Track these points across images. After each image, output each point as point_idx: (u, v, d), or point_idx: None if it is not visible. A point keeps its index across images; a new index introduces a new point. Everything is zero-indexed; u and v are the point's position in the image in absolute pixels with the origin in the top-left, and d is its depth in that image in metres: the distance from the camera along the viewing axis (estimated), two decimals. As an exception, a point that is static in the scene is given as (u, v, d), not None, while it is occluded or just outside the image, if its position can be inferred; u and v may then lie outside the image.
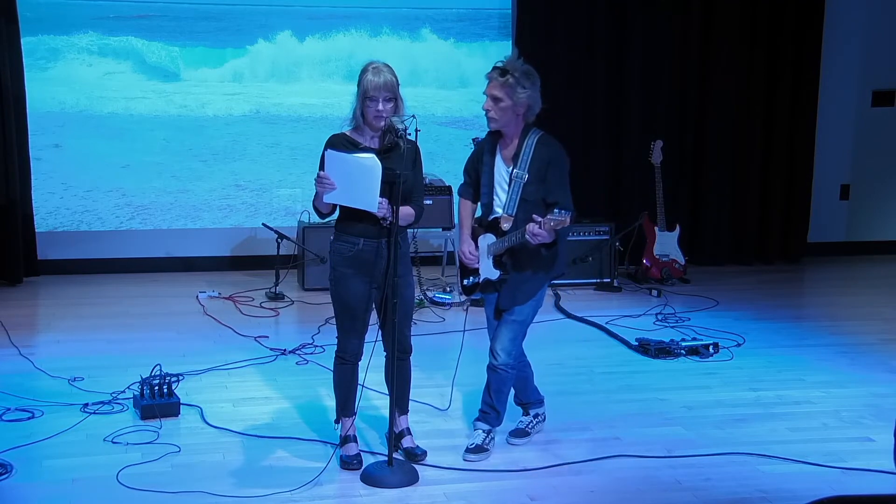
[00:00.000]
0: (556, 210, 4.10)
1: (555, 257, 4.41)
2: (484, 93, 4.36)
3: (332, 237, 4.36)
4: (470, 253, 4.52)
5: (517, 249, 4.35)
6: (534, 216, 4.16)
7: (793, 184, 9.26)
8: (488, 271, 4.48)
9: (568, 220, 4.06)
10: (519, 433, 4.75)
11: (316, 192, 4.22)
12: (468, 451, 4.52)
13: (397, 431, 4.43)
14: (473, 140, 7.82)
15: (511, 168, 4.37)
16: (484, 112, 4.37)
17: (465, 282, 4.62)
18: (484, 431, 4.59)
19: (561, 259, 4.50)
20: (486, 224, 4.50)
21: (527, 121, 4.38)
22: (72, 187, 8.31)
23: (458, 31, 8.84)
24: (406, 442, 4.49)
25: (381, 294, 4.30)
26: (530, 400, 4.82)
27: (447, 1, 8.80)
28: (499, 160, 4.44)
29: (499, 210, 4.43)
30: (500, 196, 4.43)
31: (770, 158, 9.18)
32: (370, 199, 4.12)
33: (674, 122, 8.93)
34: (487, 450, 4.54)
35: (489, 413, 4.61)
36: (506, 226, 4.37)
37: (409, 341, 4.46)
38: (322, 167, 4.18)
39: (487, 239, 4.49)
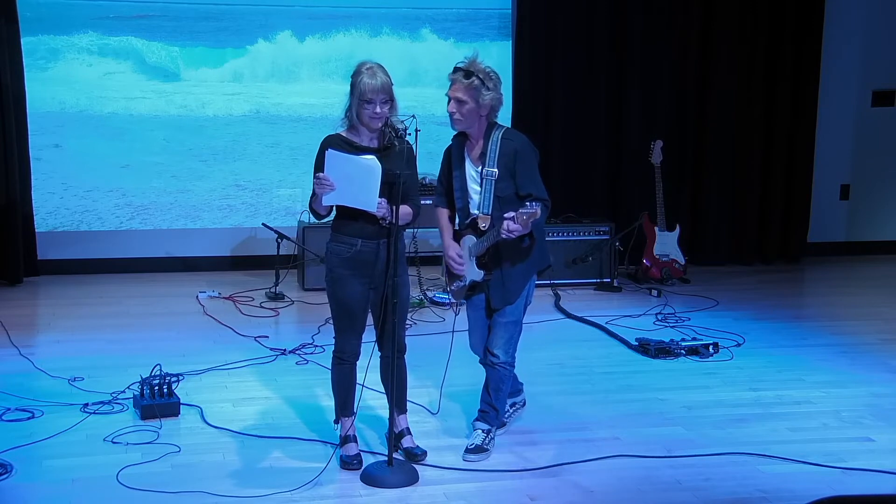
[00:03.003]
0: (527, 203, 4.13)
1: (536, 250, 4.46)
2: (447, 94, 4.38)
3: (328, 238, 4.36)
4: (458, 255, 4.52)
5: (498, 247, 4.38)
6: (505, 214, 4.20)
7: (793, 184, 9.26)
8: (473, 273, 4.50)
9: (538, 211, 4.09)
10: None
11: (313, 194, 4.22)
12: (468, 451, 4.52)
13: (397, 431, 4.43)
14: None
15: (480, 167, 4.40)
16: (448, 114, 4.39)
17: (454, 286, 4.64)
18: (483, 431, 4.60)
19: (543, 252, 4.55)
20: (465, 227, 4.52)
21: (490, 120, 4.41)
22: (72, 187, 8.31)
23: (458, 31, 8.83)
24: (406, 442, 4.50)
25: (377, 294, 4.31)
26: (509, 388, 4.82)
27: (447, 1, 8.79)
28: (468, 162, 4.48)
29: (475, 211, 4.45)
30: (474, 197, 4.45)
31: (770, 158, 9.17)
32: (370, 199, 4.12)
33: (674, 122, 8.93)
34: (487, 450, 4.54)
35: (488, 412, 4.62)
36: (483, 225, 4.40)
37: (404, 341, 4.47)
38: (319, 168, 4.18)
39: (469, 241, 4.51)
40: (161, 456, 4.45)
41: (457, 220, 4.60)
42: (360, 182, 4.10)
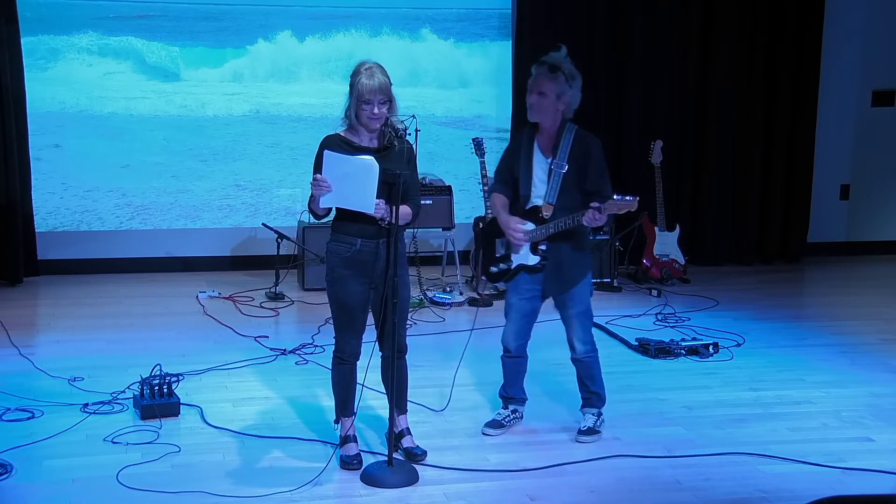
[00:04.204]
0: (616, 196, 4.32)
1: (587, 240, 4.69)
2: (529, 85, 4.57)
3: (328, 238, 4.37)
4: (521, 227, 4.59)
5: (558, 235, 4.53)
6: (592, 204, 4.37)
7: (793, 184, 9.26)
8: (525, 257, 4.64)
9: (636, 204, 4.30)
10: (495, 424, 4.83)
11: (312, 195, 4.22)
12: (581, 433, 4.73)
13: (397, 431, 4.43)
14: (473, 140, 7.83)
15: (550, 159, 4.56)
16: (528, 105, 4.56)
17: (493, 269, 4.76)
18: (594, 415, 4.80)
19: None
20: (522, 213, 4.65)
21: (565, 116, 4.58)
22: (72, 187, 8.31)
23: (458, 31, 8.84)
24: (406, 442, 4.50)
25: (377, 294, 4.31)
26: (513, 396, 4.90)
27: (447, 1, 8.80)
28: (537, 152, 4.62)
29: (538, 200, 4.59)
30: (539, 186, 4.59)
31: (770, 158, 9.18)
32: (367, 200, 4.12)
33: (674, 122, 8.93)
34: (599, 431, 4.75)
35: (590, 398, 4.83)
36: (546, 214, 4.56)
37: (405, 341, 4.47)
38: (318, 169, 4.18)
39: (525, 226, 4.61)
40: (161, 456, 4.45)
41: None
42: (357, 182, 4.10)
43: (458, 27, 8.85)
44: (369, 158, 4.11)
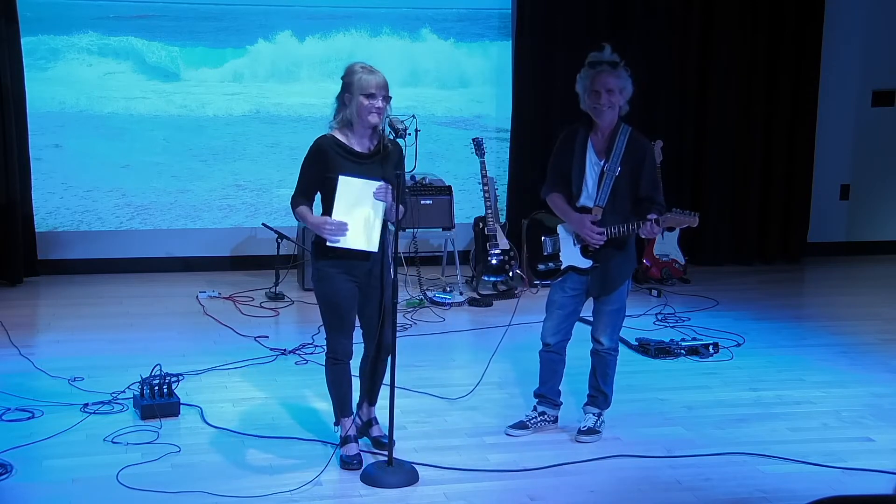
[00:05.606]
0: (676, 209, 4.35)
1: (633, 243, 4.66)
2: (589, 86, 4.49)
3: (313, 237, 4.39)
4: (595, 229, 4.51)
5: (610, 239, 4.51)
6: (649, 215, 4.37)
7: (793, 184, 9.26)
8: (576, 259, 4.62)
9: (696, 220, 4.35)
10: (519, 425, 4.83)
11: (297, 195, 4.27)
12: (581, 433, 4.72)
13: (365, 420, 4.53)
14: (473, 140, 7.83)
15: (603, 161, 4.50)
16: (600, 105, 4.45)
17: (541, 267, 4.72)
18: (595, 415, 4.79)
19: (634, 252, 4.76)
20: None
21: (621, 112, 4.52)
22: (72, 187, 8.30)
23: (458, 31, 8.83)
24: (374, 431, 4.58)
25: (364, 296, 4.34)
26: (543, 394, 4.88)
27: (447, 1, 8.79)
28: (590, 152, 4.56)
29: (588, 202, 4.55)
30: (590, 187, 4.54)
31: (770, 158, 9.17)
32: (373, 231, 4.17)
33: (674, 123, 8.92)
34: (599, 432, 4.73)
35: (597, 396, 4.81)
36: (596, 216, 4.52)
37: (391, 341, 4.46)
38: (308, 168, 4.23)
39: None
40: (161, 456, 4.45)
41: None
42: (366, 208, 4.15)
43: (458, 27, 8.84)
44: (380, 183, 4.15)
